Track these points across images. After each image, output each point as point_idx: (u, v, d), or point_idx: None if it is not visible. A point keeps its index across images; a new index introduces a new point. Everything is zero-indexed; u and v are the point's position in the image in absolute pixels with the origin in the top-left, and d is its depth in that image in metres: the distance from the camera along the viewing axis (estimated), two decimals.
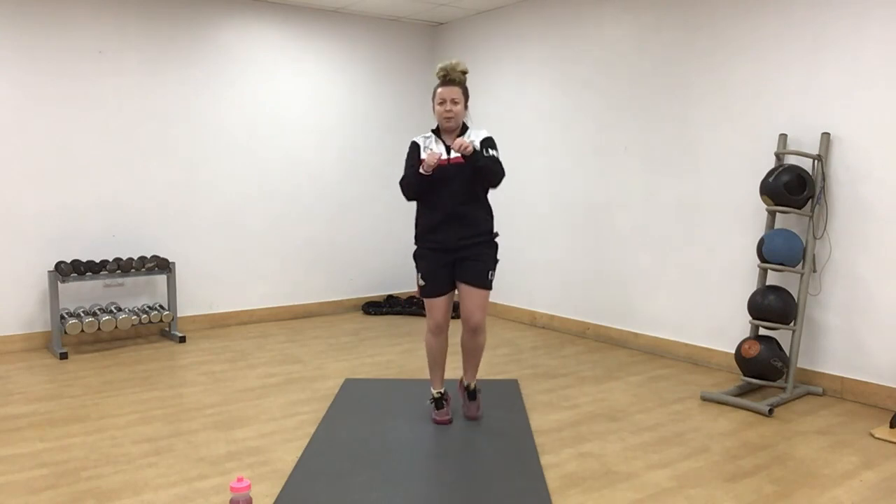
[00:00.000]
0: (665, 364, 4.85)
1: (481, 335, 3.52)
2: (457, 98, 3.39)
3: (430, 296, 3.51)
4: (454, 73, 3.41)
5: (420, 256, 3.55)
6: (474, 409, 3.68)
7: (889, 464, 3.19)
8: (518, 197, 6.12)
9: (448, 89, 3.39)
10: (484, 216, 3.51)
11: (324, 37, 6.38)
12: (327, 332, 5.80)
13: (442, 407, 3.62)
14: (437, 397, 3.64)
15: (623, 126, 5.26)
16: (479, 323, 3.45)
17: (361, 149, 6.66)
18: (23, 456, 3.22)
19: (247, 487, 2.60)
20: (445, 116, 3.41)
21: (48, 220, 5.20)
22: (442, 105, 3.40)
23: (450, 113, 3.39)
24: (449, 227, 3.43)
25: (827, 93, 4.11)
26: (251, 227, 6.11)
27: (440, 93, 3.41)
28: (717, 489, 2.91)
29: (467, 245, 3.45)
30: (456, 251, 3.45)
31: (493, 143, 3.46)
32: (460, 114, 3.42)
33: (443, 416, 3.60)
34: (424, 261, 3.52)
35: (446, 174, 3.40)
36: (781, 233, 4.09)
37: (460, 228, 3.44)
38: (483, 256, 3.48)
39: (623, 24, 5.22)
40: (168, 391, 4.20)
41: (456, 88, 3.40)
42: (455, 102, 3.39)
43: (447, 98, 3.39)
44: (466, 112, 3.48)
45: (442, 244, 3.46)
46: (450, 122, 3.41)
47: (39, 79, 5.11)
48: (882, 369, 3.96)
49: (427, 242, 3.51)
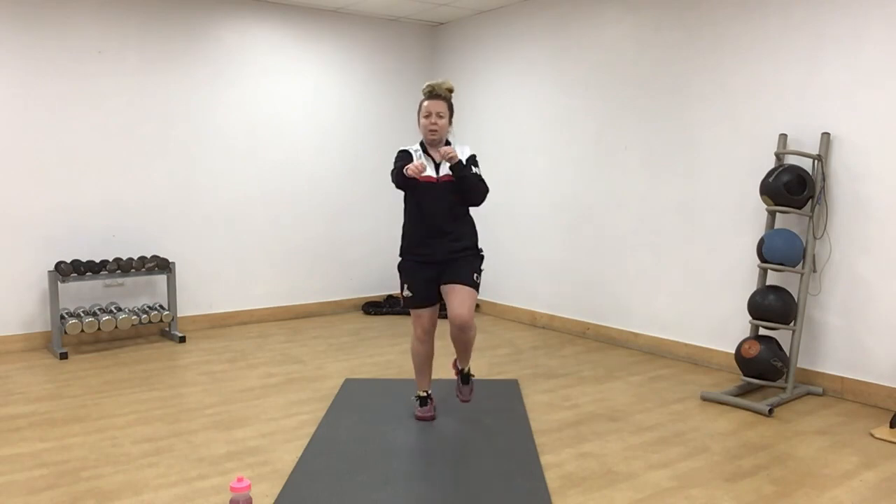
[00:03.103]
0: (665, 364, 4.85)
1: (470, 331, 3.53)
2: (442, 112, 3.44)
3: (416, 307, 3.56)
4: (440, 89, 3.47)
5: (405, 269, 3.58)
6: (467, 392, 3.73)
7: (889, 464, 3.19)
8: (518, 197, 6.12)
9: (434, 103, 3.44)
10: (469, 232, 3.57)
11: (324, 37, 6.38)
12: (327, 332, 5.80)
13: (426, 405, 3.67)
14: (422, 396, 3.70)
15: (623, 126, 5.26)
16: (466, 321, 3.45)
17: (361, 148, 6.67)
18: (23, 456, 3.22)
19: (247, 487, 2.60)
20: (430, 129, 3.45)
21: (48, 220, 5.20)
22: (427, 118, 3.44)
23: (434, 126, 3.43)
24: (435, 242, 3.48)
25: (827, 93, 4.11)
26: (251, 227, 6.11)
27: (426, 106, 3.45)
28: (717, 489, 2.91)
29: (453, 259, 3.50)
30: (442, 264, 3.50)
31: (476, 162, 3.53)
32: (444, 128, 3.47)
33: (425, 413, 3.65)
34: (410, 273, 3.56)
35: (435, 192, 3.44)
36: (781, 233, 4.09)
37: (447, 244, 3.48)
38: (468, 263, 3.52)
39: (623, 24, 5.22)
40: (168, 391, 4.20)
41: (441, 102, 3.45)
42: (440, 116, 3.44)
43: (433, 111, 3.43)
44: (450, 128, 3.54)
45: (429, 258, 3.50)
46: (434, 135, 3.45)
47: (39, 79, 5.11)
48: (882, 369, 3.96)
49: (413, 256, 3.55)
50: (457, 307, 3.44)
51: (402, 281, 3.59)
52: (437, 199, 3.45)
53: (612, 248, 5.40)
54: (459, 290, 3.46)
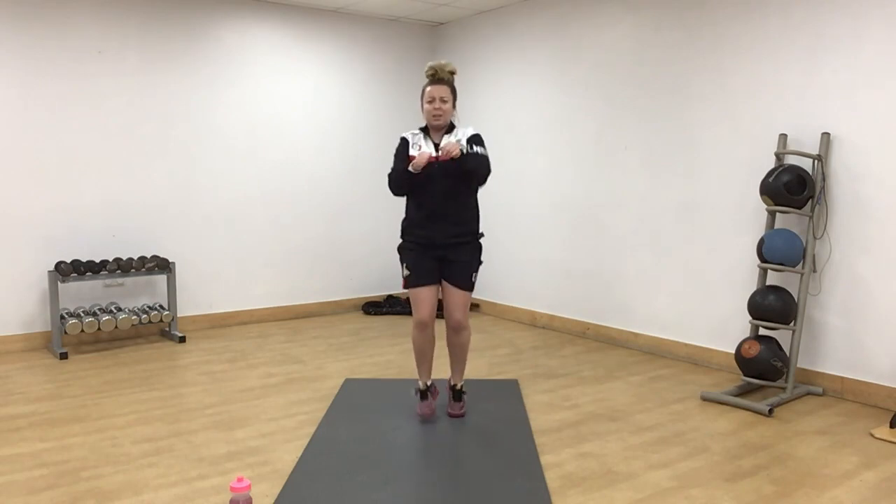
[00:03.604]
0: (665, 364, 4.85)
1: (464, 332, 3.60)
2: (445, 97, 3.44)
3: (415, 285, 3.54)
4: (443, 72, 3.46)
5: (405, 249, 3.60)
6: (458, 408, 3.72)
7: (889, 464, 3.19)
8: (518, 196, 6.12)
9: (437, 88, 3.43)
10: (470, 216, 3.57)
11: (324, 37, 6.38)
12: (327, 332, 5.80)
13: (426, 399, 3.67)
14: (422, 389, 3.68)
15: (623, 125, 5.26)
16: (459, 321, 3.55)
17: (361, 148, 6.66)
18: (23, 456, 3.22)
19: (247, 487, 2.60)
20: (434, 115, 3.45)
21: (48, 219, 5.20)
22: (431, 103, 3.44)
23: (438, 111, 3.43)
24: (436, 224, 3.48)
25: (827, 93, 4.11)
26: (251, 226, 6.11)
27: (429, 91, 3.45)
28: (717, 489, 2.91)
29: (453, 244, 3.50)
30: (442, 248, 3.50)
31: (481, 140, 3.51)
32: (448, 112, 3.47)
33: (425, 409, 3.64)
34: (410, 253, 3.57)
35: (435, 173, 3.44)
36: (781, 233, 4.09)
37: (447, 226, 3.49)
38: (467, 258, 3.54)
39: (623, 24, 5.22)
40: (168, 391, 4.20)
41: (445, 87, 3.45)
42: (444, 101, 3.43)
43: (436, 96, 3.43)
44: (455, 111, 3.52)
45: (429, 240, 3.51)
46: (438, 120, 3.46)
47: (39, 79, 5.11)
48: (882, 369, 3.96)
49: (413, 237, 3.56)
50: (451, 308, 3.55)
51: (402, 260, 3.60)
52: (437, 182, 3.45)
53: (612, 248, 5.40)
54: (456, 292, 3.53)
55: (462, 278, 3.53)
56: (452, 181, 3.46)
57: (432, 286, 3.55)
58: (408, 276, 3.55)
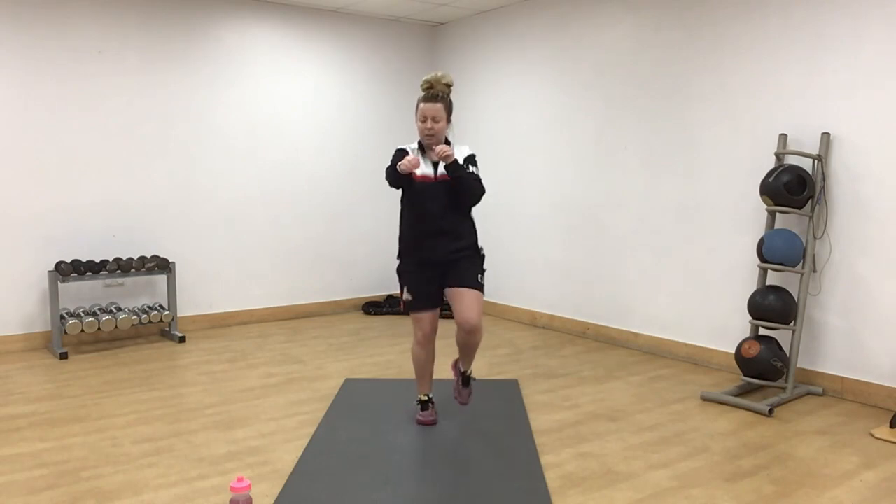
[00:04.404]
0: (665, 364, 4.85)
1: (478, 335, 3.47)
2: (438, 116, 3.36)
3: (417, 311, 3.50)
4: (438, 86, 3.38)
5: (405, 272, 3.52)
6: (466, 395, 3.68)
7: (889, 464, 3.19)
8: (518, 197, 6.12)
9: (430, 106, 3.36)
10: (468, 231, 3.51)
11: (324, 37, 6.38)
12: (327, 332, 5.80)
13: (427, 409, 3.63)
14: (423, 400, 3.65)
15: (623, 125, 5.26)
16: (475, 324, 3.40)
17: (361, 148, 6.67)
18: (23, 456, 3.22)
19: (247, 487, 2.60)
20: (426, 134, 3.39)
21: (48, 219, 5.20)
22: (423, 122, 3.38)
23: (431, 131, 3.37)
24: (434, 242, 3.42)
25: (827, 93, 4.11)
26: (251, 226, 6.11)
27: (422, 109, 3.37)
28: (717, 489, 2.91)
29: (453, 259, 3.44)
30: (442, 265, 3.44)
31: (475, 161, 3.47)
32: (441, 131, 3.40)
33: (427, 417, 3.60)
34: (411, 277, 3.49)
35: (433, 191, 3.40)
36: (781, 233, 4.09)
37: (446, 243, 3.43)
38: (470, 264, 3.47)
39: (623, 24, 5.22)
40: (168, 391, 4.20)
41: (438, 105, 3.36)
42: (436, 121, 3.36)
43: (429, 116, 3.36)
44: (450, 126, 3.46)
45: (428, 259, 3.45)
46: (430, 139, 3.40)
47: (39, 79, 5.11)
48: (882, 369, 3.96)
49: (413, 258, 3.50)
50: (465, 311, 3.38)
51: (402, 284, 3.52)
52: (435, 199, 3.40)
53: (612, 248, 5.40)
54: (466, 293, 3.40)
55: (469, 279, 3.44)
56: (451, 199, 3.41)
57: (434, 310, 3.52)
58: (408, 301, 3.49)
